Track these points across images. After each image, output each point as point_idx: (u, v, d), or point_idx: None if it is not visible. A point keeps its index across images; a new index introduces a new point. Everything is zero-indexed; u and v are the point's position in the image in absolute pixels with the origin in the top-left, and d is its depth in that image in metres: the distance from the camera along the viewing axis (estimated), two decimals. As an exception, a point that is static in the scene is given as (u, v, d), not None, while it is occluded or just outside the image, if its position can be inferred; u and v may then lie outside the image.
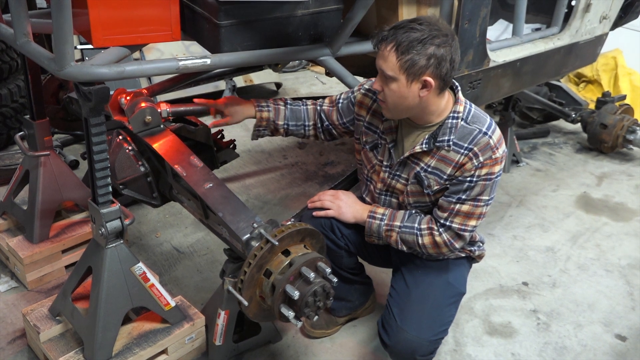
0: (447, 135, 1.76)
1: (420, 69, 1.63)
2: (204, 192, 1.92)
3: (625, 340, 2.38)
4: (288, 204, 3.19)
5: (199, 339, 2.11)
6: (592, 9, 2.92)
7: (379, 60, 1.70)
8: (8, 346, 2.16)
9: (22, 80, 3.34)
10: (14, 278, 2.51)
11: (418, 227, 1.85)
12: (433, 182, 1.81)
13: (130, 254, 1.91)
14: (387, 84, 1.70)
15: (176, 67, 1.80)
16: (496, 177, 1.78)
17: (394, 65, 1.65)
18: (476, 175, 1.74)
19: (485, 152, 1.73)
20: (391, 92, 1.70)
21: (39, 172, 2.43)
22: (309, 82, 5.12)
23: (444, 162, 1.78)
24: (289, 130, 2.12)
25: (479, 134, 1.74)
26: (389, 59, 1.65)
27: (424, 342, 1.83)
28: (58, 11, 1.50)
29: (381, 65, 1.68)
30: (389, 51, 1.64)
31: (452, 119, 1.76)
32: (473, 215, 1.79)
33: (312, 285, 1.65)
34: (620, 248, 2.97)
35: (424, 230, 1.84)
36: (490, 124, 1.78)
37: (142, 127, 2.14)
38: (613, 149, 3.94)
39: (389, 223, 1.89)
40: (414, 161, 1.84)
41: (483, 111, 1.82)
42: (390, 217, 1.89)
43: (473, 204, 1.78)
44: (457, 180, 1.77)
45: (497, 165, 1.76)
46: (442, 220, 1.81)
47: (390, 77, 1.67)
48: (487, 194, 1.78)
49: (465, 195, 1.77)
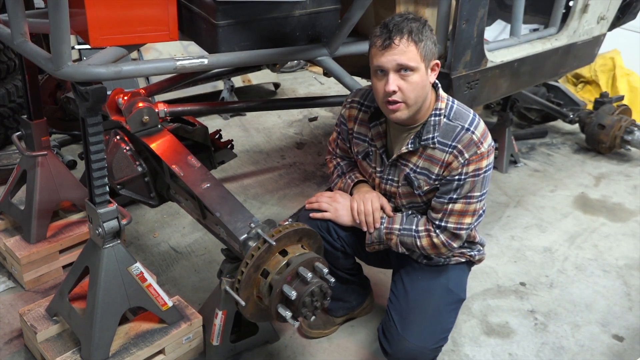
0: (430, 132, 1.76)
1: (432, 53, 1.68)
2: (202, 192, 1.92)
3: (622, 340, 2.38)
4: (286, 204, 3.19)
5: (196, 339, 2.11)
6: (590, 10, 2.92)
7: (393, 56, 1.63)
8: (5, 346, 2.16)
9: (19, 80, 3.34)
10: (11, 278, 2.50)
11: (416, 229, 1.84)
12: (423, 183, 1.81)
13: (127, 254, 1.91)
14: (406, 78, 1.66)
15: (173, 67, 1.80)
16: (485, 172, 1.76)
17: (416, 55, 1.64)
18: (464, 172, 1.74)
19: (470, 148, 1.72)
20: (413, 86, 1.66)
21: (37, 172, 2.42)
22: (307, 83, 5.12)
23: (431, 162, 1.78)
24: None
25: (462, 131, 1.73)
26: (409, 49, 1.63)
27: (425, 350, 1.83)
28: (55, 11, 1.50)
29: (399, 59, 1.63)
30: (405, 42, 1.62)
31: (435, 117, 1.76)
32: (467, 213, 1.79)
33: (309, 285, 1.65)
34: (618, 248, 2.98)
35: (421, 232, 1.83)
36: (472, 119, 1.76)
37: (139, 127, 2.15)
38: (611, 150, 3.94)
39: (388, 227, 1.88)
40: (403, 163, 1.84)
41: (466, 107, 1.81)
42: (389, 221, 1.89)
43: (465, 201, 1.77)
44: (446, 180, 1.77)
45: (484, 160, 1.74)
46: (437, 222, 1.81)
47: (412, 68, 1.64)
48: (478, 190, 1.77)
49: (456, 194, 1.76)
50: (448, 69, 2.29)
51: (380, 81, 1.69)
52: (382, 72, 1.68)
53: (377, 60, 1.67)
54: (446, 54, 2.29)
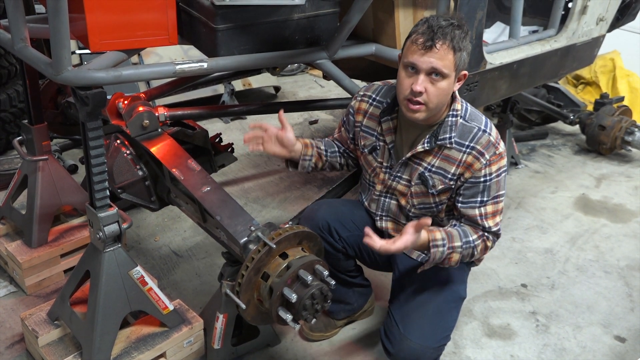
0: (447, 133, 1.77)
1: (464, 65, 1.68)
2: (202, 196, 1.92)
3: (624, 341, 2.37)
4: (287, 207, 3.19)
5: (197, 343, 2.11)
6: (589, 11, 2.93)
7: (430, 59, 1.63)
8: (6, 351, 2.16)
9: (20, 86, 3.35)
10: (13, 283, 2.51)
11: (472, 239, 1.80)
12: (438, 182, 1.81)
13: (128, 258, 1.91)
14: (435, 82, 1.66)
15: (173, 71, 1.80)
16: (505, 171, 1.81)
17: (451, 63, 1.64)
18: (488, 173, 1.76)
19: (489, 149, 1.75)
20: (439, 91, 1.67)
21: (38, 176, 2.43)
22: (308, 86, 5.13)
23: (448, 161, 1.78)
24: (328, 158, 2.07)
25: (479, 132, 1.76)
26: (446, 56, 1.63)
27: (427, 349, 1.82)
28: (55, 16, 1.51)
29: (435, 63, 1.63)
30: (446, 49, 1.63)
31: (452, 117, 1.77)
32: (497, 212, 1.83)
33: (309, 288, 1.65)
34: (619, 249, 2.97)
35: (477, 241, 1.80)
36: (486, 121, 1.80)
37: (139, 131, 2.15)
38: (611, 151, 3.94)
39: (450, 246, 1.76)
40: (416, 162, 1.84)
41: (476, 109, 1.84)
42: (449, 239, 1.76)
43: (494, 201, 1.80)
44: (470, 182, 1.77)
45: (502, 160, 1.79)
46: (483, 227, 1.81)
47: (444, 75, 1.65)
48: (503, 189, 1.82)
49: (485, 196, 1.79)
50: (447, 71, 2.29)
51: (409, 78, 1.69)
52: (413, 70, 1.68)
53: (413, 57, 1.66)
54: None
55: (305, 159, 2.00)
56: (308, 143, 2.02)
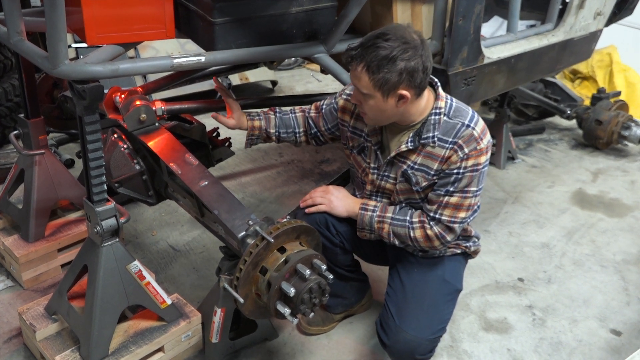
0: (431, 131, 1.77)
1: (393, 85, 1.64)
2: (199, 190, 1.92)
3: (620, 335, 2.39)
4: (284, 201, 3.19)
5: (195, 337, 2.11)
6: (586, 6, 2.93)
7: (352, 79, 1.71)
8: (4, 345, 2.16)
9: (16, 79, 3.33)
10: (10, 277, 2.50)
11: (410, 219, 1.85)
12: (421, 179, 1.82)
13: (125, 252, 1.91)
14: (364, 99, 1.71)
15: (170, 65, 1.80)
16: (483, 168, 1.78)
17: (368, 84, 1.65)
18: (462, 167, 1.75)
19: (470, 143, 1.74)
20: (369, 107, 1.72)
21: (34, 171, 2.42)
22: (305, 80, 5.12)
23: (430, 158, 1.79)
24: (280, 137, 2.13)
25: (462, 127, 1.75)
26: (362, 78, 1.65)
27: (423, 341, 1.84)
28: (52, 9, 1.50)
29: (355, 83, 1.70)
30: (360, 71, 1.65)
31: (435, 115, 1.77)
32: (462, 207, 1.80)
33: (307, 282, 1.65)
34: (615, 244, 2.99)
35: (415, 224, 1.84)
36: (472, 116, 1.78)
37: (137, 125, 2.14)
38: (608, 145, 3.95)
39: (380, 214, 1.89)
40: (400, 160, 1.85)
41: (464, 104, 1.83)
42: (382, 209, 1.90)
43: (461, 195, 1.78)
44: (445, 173, 1.78)
45: (482, 156, 1.76)
46: (431, 214, 1.82)
47: (364, 94, 1.69)
48: (475, 185, 1.79)
49: (453, 187, 1.77)
50: (445, 66, 2.29)
51: None
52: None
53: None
54: (443, 51, 2.30)
55: (250, 138, 2.12)
56: (256, 125, 2.09)
